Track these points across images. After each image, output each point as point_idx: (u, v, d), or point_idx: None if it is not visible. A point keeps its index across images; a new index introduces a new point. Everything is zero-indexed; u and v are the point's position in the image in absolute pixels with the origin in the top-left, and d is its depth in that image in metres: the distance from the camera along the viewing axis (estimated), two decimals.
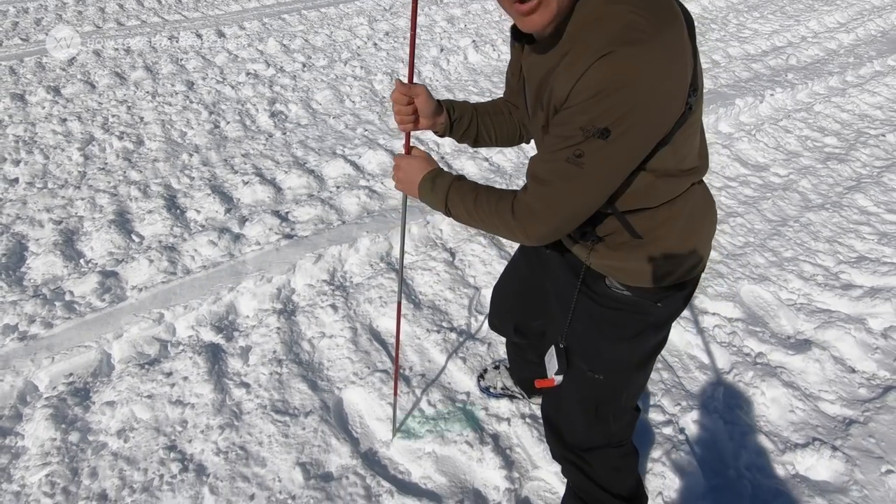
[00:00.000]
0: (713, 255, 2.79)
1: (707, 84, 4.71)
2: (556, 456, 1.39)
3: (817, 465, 1.83)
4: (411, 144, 1.30)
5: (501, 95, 1.37)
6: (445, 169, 1.41)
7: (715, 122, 4.12)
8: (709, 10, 7.07)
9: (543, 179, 0.97)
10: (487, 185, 1.13)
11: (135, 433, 1.93)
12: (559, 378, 1.31)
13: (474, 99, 4.47)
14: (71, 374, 2.15)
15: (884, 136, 4.00)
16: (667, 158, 0.99)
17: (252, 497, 1.74)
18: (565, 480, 1.50)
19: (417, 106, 1.22)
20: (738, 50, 5.70)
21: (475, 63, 5.14)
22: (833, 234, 2.98)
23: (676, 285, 1.15)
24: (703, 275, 2.46)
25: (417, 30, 5.94)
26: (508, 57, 5.36)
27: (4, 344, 2.23)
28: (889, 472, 1.78)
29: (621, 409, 1.29)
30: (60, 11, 6.51)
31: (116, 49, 5.45)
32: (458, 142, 1.34)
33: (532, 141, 1.27)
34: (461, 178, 1.18)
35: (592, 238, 1.12)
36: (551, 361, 1.32)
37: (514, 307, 1.62)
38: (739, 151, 3.77)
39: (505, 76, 1.43)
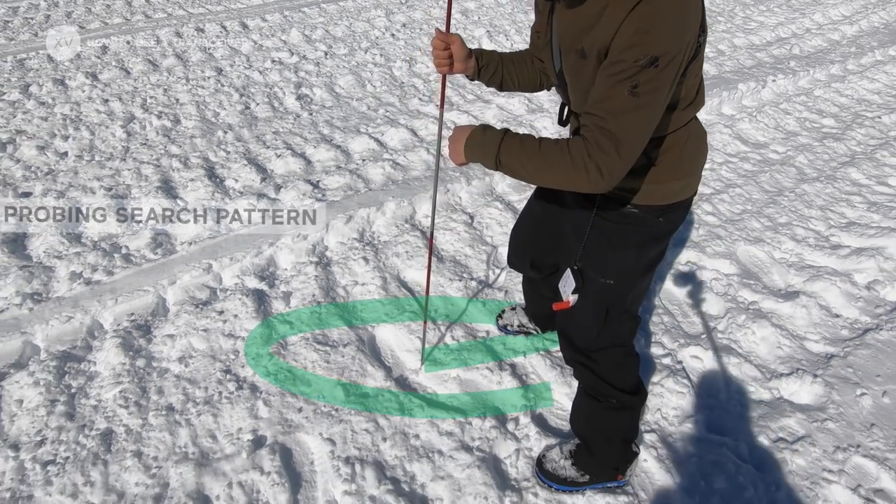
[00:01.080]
0: (712, 219, 3.01)
1: (712, 70, 4.92)
2: (569, 360, 1.62)
3: (800, 391, 2.05)
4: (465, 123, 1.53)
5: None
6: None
7: (718, 104, 4.33)
8: (716, 4, 7.26)
9: (610, 115, 1.06)
10: (543, 140, 1.17)
11: (194, 360, 2.19)
12: (574, 298, 1.54)
13: (498, 102, 4.71)
14: (132, 314, 2.41)
15: (879, 117, 4.20)
16: (678, 91, 1.19)
17: (300, 410, 1.99)
18: (575, 386, 1.73)
19: (453, 52, 1.45)
20: (743, 41, 5.90)
21: None
22: (826, 203, 3.19)
23: (676, 203, 1.38)
24: (702, 235, 2.69)
25: (434, 21, 6.18)
26: (518, 46, 5.60)
27: (73, 288, 2.49)
28: (863, 394, 2.00)
29: (627, 314, 1.52)
30: (89, 4, 6.81)
31: (146, 39, 5.74)
32: (486, 85, 1.56)
33: (553, 88, 1.49)
34: (512, 135, 1.21)
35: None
36: (567, 283, 1.56)
37: (530, 244, 1.85)
38: (741, 131, 3.98)
39: (530, 34, 1.63)
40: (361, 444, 1.88)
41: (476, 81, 1.84)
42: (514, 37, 5.64)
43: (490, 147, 1.22)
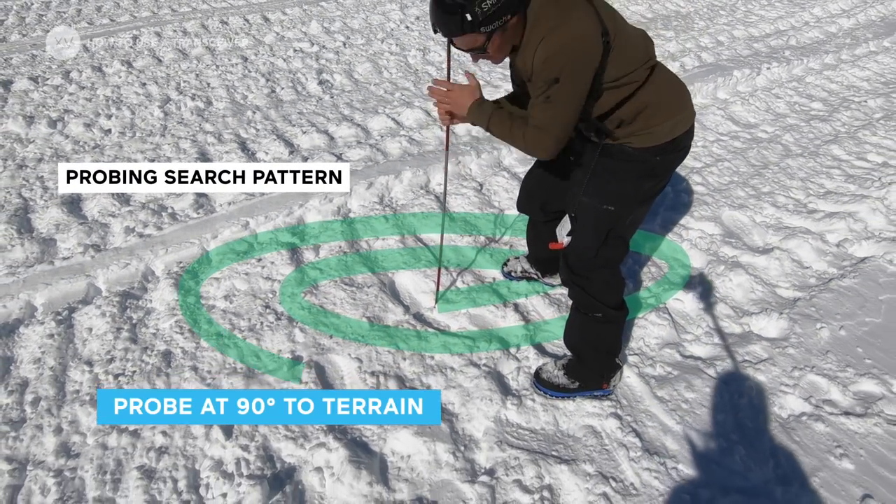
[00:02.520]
0: (701, 189, 3.29)
1: (709, 59, 5.18)
2: (565, 281, 1.92)
3: (767, 326, 2.33)
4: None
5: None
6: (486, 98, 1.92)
7: (714, 89, 4.60)
8: None
9: (536, 115, 1.57)
10: (515, 114, 1.66)
11: (237, 298, 2.52)
12: (567, 240, 1.86)
13: (497, 71, 5.01)
14: (181, 262, 2.74)
15: (866, 101, 4.45)
16: (611, 74, 1.55)
17: (331, 336, 2.30)
18: (567, 311, 2.04)
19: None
20: (742, 32, 6.15)
21: None
22: (807, 175, 3.45)
23: (669, 143, 1.68)
24: (690, 201, 3.02)
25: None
26: None
27: (128, 240, 2.83)
28: (822, 328, 2.28)
29: (620, 239, 1.82)
30: None
31: (175, 31, 6.09)
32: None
33: None
34: (500, 108, 1.70)
35: (603, 134, 1.70)
36: (564, 229, 1.89)
37: (540, 190, 2.14)
38: (733, 113, 4.25)
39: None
40: (384, 362, 2.19)
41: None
42: None
43: (483, 118, 1.70)
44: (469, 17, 1.44)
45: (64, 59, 5.26)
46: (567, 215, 1.88)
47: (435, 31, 1.55)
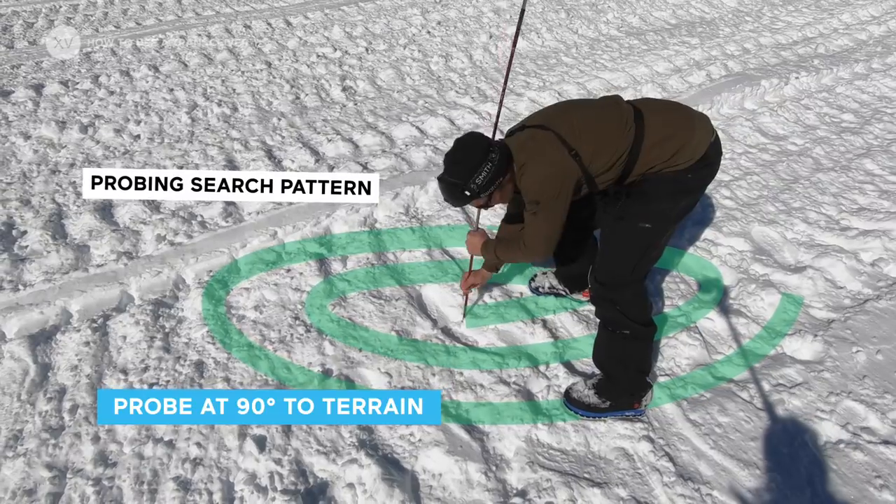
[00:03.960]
0: (729, 203, 3.25)
1: (735, 68, 5.11)
2: (595, 299, 1.94)
3: (801, 348, 2.30)
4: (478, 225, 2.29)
5: (528, 115, 2.22)
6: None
7: (741, 99, 4.54)
8: (744, 4, 7.40)
9: (527, 228, 1.89)
10: (512, 238, 2.01)
11: (267, 308, 2.54)
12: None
13: (520, 79, 4.99)
14: (210, 271, 2.78)
15: None
16: (599, 166, 1.76)
17: (361, 349, 2.32)
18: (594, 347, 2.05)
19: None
20: (769, 39, 6.06)
21: (520, 48, 5.66)
22: (839, 190, 3.39)
23: (695, 164, 1.74)
24: (719, 216, 3.07)
25: (468, 20, 6.48)
26: (549, 43, 5.87)
27: (159, 248, 2.87)
28: (858, 351, 2.24)
29: (655, 258, 1.88)
30: (142, 3, 7.29)
31: (199, 35, 6.17)
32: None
33: None
34: (499, 240, 2.13)
35: (622, 195, 1.84)
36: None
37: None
38: (761, 124, 4.19)
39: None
40: (414, 377, 2.20)
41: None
42: (546, 35, 5.92)
43: (490, 250, 2.11)
44: (468, 192, 1.80)
45: (62, 59, 5.35)
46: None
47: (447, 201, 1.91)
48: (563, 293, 2.54)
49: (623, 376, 1.95)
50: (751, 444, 1.93)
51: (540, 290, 2.57)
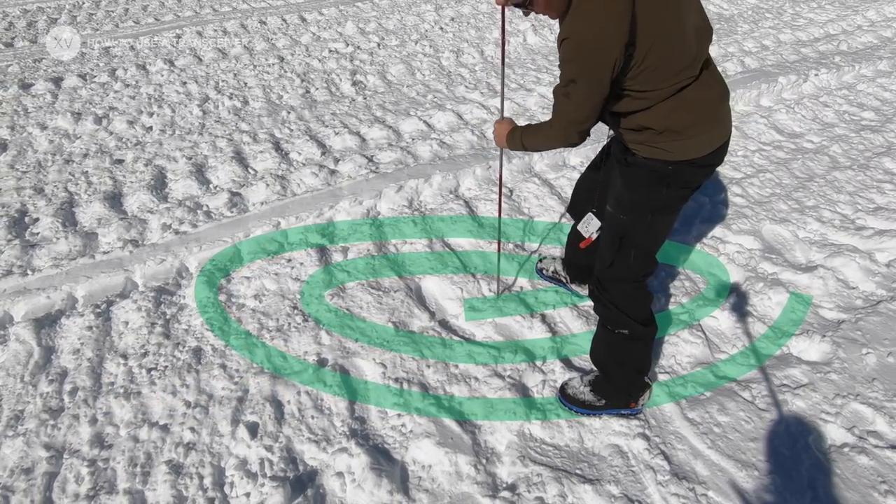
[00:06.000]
0: (740, 200, 3.17)
1: (753, 64, 4.99)
2: (591, 293, 1.88)
3: (808, 348, 2.23)
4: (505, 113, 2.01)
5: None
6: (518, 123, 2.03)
7: (757, 96, 4.43)
8: (765, 1, 7.23)
9: (557, 105, 1.62)
10: (537, 125, 1.77)
11: (266, 297, 2.55)
12: (596, 234, 1.85)
13: (531, 74, 4.94)
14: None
15: None
16: (634, 87, 1.51)
17: (356, 340, 2.31)
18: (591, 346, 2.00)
19: None
20: (789, 36, 5.90)
21: (533, 44, 5.61)
22: (856, 189, 3.29)
23: (681, 162, 1.60)
24: (728, 214, 2.94)
25: (481, 15, 6.45)
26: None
27: (164, 236, 2.91)
28: (868, 353, 2.16)
29: (639, 249, 1.74)
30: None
31: (215, 30, 6.24)
32: None
33: None
34: (526, 126, 1.84)
35: (621, 129, 1.66)
36: (590, 224, 1.87)
37: (587, 194, 2.08)
38: (777, 122, 4.09)
39: None
40: (408, 369, 2.18)
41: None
42: (557, 30, 5.85)
43: (516, 136, 1.85)
44: None
45: (62, 59, 5.43)
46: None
47: None
48: (563, 280, 2.50)
49: (620, 375, 1.90)
50: (750, 445, 1.88)
51: (544, 272, 2.55)
